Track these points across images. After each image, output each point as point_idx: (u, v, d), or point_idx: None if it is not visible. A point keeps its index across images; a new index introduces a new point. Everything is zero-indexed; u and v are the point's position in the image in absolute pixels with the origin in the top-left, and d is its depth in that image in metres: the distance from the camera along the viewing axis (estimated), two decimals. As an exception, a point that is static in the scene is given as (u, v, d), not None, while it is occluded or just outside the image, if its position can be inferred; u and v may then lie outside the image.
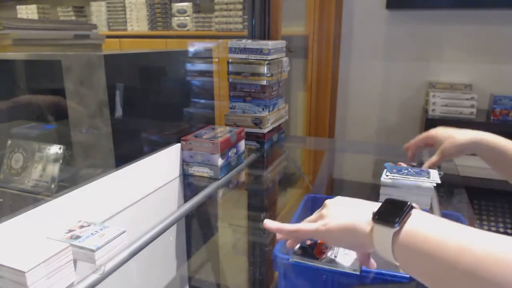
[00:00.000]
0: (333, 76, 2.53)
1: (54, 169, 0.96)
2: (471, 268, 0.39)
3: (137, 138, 1.02)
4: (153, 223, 0.80)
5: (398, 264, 0.48)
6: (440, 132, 0.97)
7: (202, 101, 1.28)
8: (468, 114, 2.23)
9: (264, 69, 1.24)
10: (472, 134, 0.93)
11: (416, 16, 2.44)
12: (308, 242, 0.67)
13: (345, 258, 0.64)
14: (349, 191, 1.47)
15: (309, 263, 0.65)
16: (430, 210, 0.87)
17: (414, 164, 1.00)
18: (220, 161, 1.07)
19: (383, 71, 2.60)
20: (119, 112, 0.93)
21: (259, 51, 1.25)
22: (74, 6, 3.24)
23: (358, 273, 0.62)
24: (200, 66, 1.26)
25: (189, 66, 1.20)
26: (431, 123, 2.25)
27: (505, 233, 2.11)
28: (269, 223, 0.63)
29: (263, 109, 1.28)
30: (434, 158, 0.95)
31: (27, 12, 3.08)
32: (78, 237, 0.61)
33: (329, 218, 0.56)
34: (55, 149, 0.98)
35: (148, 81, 1.05)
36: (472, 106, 2.22)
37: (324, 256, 0.63)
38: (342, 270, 0.62)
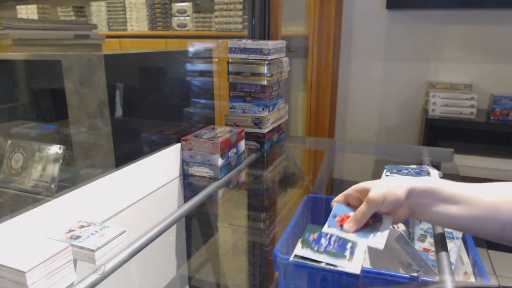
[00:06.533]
0: (333, 76, 2.53)
1: (54, 169, 0.96)
2: None
3: (137, 138, 1.02)
4: (153, 223, 0.80)
5: None
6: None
7: (202, 101, 1.28)
8: (468, 114, 2.23)
9: (264, 69, 1.24)
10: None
11: (416, 16, 2.44)
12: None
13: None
14: (349, 191, 1.47)
15: (309, 263, 0.64)
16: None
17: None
18: (220, 161, 1.07)
19: (383, 71, 2.60)
20: (119, 112, 0.93)
21: (259, 51, 1.25)
22: (74, 6, 3.24)
23: (358, 273, 0.62)
24: (200, 66, 1.26)
25: (189, 66, 1.20)
26: (431, 123, 2.25)
27: (505, 233, 2.11)
28: None
29: (263, 109, 1.28)
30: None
31: (27, 12, 3.07)
32: (78, 237, 0.61)
33: None
34: (55, 149, 0.98)
35: (148, 81, 1.05)
36: (472, 106, 2.22)
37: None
38: (342, 270, 0.62)
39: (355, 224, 0.64)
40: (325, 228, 0.68)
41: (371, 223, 0.65)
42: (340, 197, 0.71)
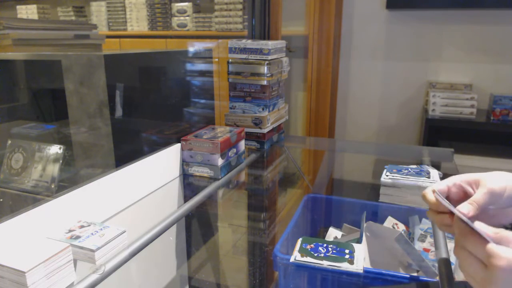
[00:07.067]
0: (333, 76, 2.53)
1: (54, 169, 0.96)
2: None
3: (137, 138, 1.02)
4: (153, 223, 0.80)
5: None
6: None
7: (202, 101, 1.28)
8: (468, 114, 2.23)
9: (264, 69, 1.24)
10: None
11: (416, 16, 2.44)
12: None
13: None
14: (349, 191, 1.47)
15: (309, 263, 0.65)
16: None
17: None
18: (220, 161, 1.07)
19: (383, 71, 2.60)
20: (119, 112, 0.93)
21: (259, 51, 1.25)
22: (74, 6, 3.24)
23: (361, 271, 0.62)
24: (200, 66, 1.26)
25: (189, 66, 1.20)
26: (431, 123, 2.25)
27: (505, 233, 2.11)
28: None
29: (263, 109, 1.28)
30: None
31: (27, 12, 3.07)
32: (78, 237, 0.61)
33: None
34: (55, 149, 0.98)
35: (148, 81, 1.05)
36: (472, 106, 2.22)
37: None
38: (345, 269, 0.62)
39: (472, 210, 0.52)
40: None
41: None
42: (443, 186, 0.56)
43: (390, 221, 1.00)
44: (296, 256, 0.66)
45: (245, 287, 0.89)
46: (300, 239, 0.72)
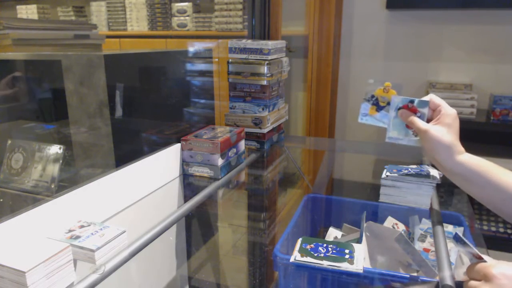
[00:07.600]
0: (333, 76, 2.53)
1: (54, 169, 0.96)
2: None
3: (137, 138, 1.02)
4: (153, 223, 0.80)
5: None
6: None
7: (202, 101, 1.28)
8: (468, 114, 2.23)
9: (264, 69, 1.24)
10: None
11: (416, 16, 2.44)
12: None
13: None
14: (349, 191, 1.47)
15: (309, 263, 0.65)
16: (430, 210, 0.87)
17: None
18: (220, 161, 1.07)
19: (383, 71, 2.60)
20: (119, 112, 0.93)
21: (259, 51, 1.25)
22: (74, 6, 3.24)
23: (361, 271, 0.62)
24: (200, 66, 1.26)
25: (189, 66, 1.20)
26: (431, 123, 2.24)
27: (505, 233, 2.11)
28: None
29: (263, 109, 1.28)
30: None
31: (27, 12, 3.07)
32: (78, 237, 0.61)
33: None
34: (55, 149, 0.98)
35: (148, 81, 1.05)
36: (472, 106, 2.22)
37: None
38: (345, 269, 0.62)
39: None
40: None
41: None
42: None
43: (390, 221, 1.00)
44: (296, 256, 0.66)
45: (245, 287, 0.89)
46: (300, 239, 0.72)
